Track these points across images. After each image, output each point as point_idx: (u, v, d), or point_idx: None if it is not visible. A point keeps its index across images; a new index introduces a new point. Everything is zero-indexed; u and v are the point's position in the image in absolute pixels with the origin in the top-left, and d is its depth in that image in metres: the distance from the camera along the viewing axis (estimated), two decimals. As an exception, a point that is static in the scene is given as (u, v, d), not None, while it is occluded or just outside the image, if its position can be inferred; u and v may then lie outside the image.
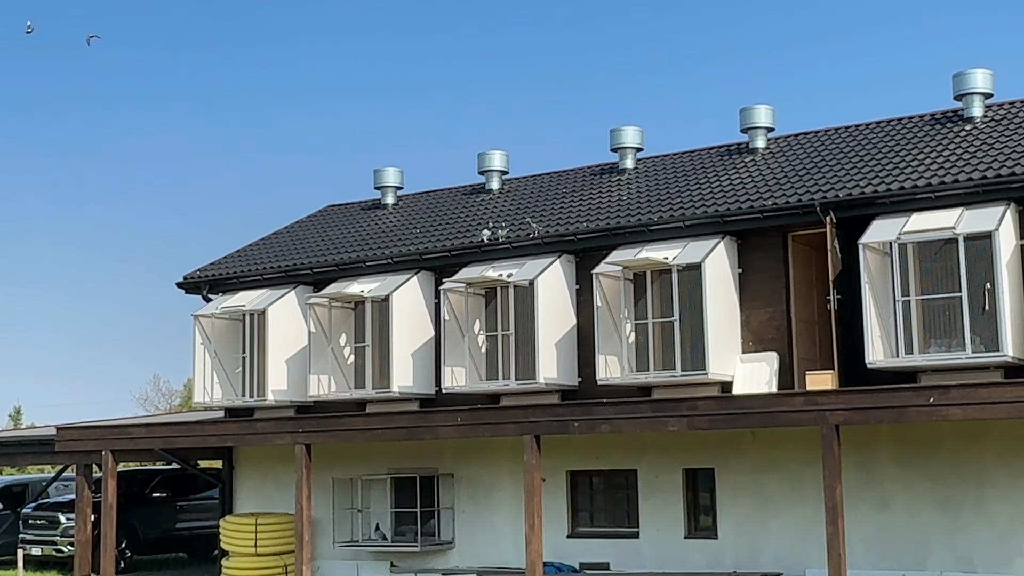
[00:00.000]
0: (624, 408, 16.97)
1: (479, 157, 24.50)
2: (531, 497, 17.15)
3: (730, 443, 18.62)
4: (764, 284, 18.91)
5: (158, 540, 27.01)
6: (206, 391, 22.79)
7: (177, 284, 24.37)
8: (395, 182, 25.70)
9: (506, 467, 20.41)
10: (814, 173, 19.47)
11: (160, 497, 27.45)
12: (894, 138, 20.15)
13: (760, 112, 21.68)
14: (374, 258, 22.10)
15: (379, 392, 21.10)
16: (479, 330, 20.55)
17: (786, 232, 18.97)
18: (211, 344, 22.75)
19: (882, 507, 17.47)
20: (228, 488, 23.71)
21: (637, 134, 23.06)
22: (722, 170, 21.18)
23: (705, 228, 19.17)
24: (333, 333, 21.71)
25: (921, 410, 14.94)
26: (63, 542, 25.97)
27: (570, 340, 20.03)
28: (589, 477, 20.29)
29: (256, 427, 20.49)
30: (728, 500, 18.66)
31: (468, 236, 21.60)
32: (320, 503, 21.81)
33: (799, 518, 17.95)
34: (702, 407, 16.40)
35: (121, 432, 22.15)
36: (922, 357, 16.75)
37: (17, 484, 30.07)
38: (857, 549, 17.18)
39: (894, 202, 17.78)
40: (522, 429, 17.40)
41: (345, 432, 19.39)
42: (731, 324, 18.76)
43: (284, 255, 23.86)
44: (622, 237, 19.87)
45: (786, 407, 15.90)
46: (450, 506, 21.10)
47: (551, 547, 19.15)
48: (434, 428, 18.44)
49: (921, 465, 17.29)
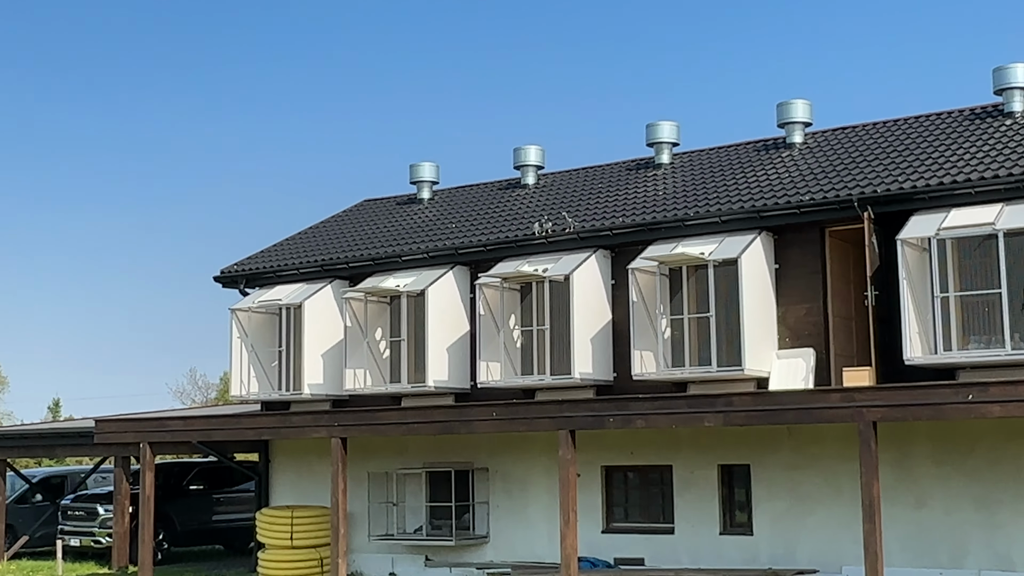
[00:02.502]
0: (660, 403, 16.93)
1: (514, 152, 24.51)
2: (566, 492, 17.14)
3: (766, 439, 18.55)
4: (801, 280, 18.82)
5: (195, 532, 27.23)
6: (243, 384, 22.92)
7: (214, 278, 24.53)
8: (431, 177, 25.75)
9: (541, 462, 20.42)
10: (852, 168, 19.35)
11: (197, 489, 27.66)
12: (933, 133, 20.00)
13: (797, 107, 21.57)
14: (410, 252, 22.15)
15: (414, 386, 21.16)
16: (514, 325, 20.57)
17: (823, 228, 18.86)
18: (248, 338, 22.88)
19: (919, 504, 17.36)
20: (264, 481, 23.85)
21: (673, 129, 23.01)
22: (759, 165, 21.09)
23: (741, 223, 19.09)
24: (369, 327, 21.79)
25: (959, 407, 14.81)
26: (101, 533, 26.21)
27: (605, 335, 20.01)
28: (624, 472, 20.28)
29: (292, 420, 20.58)
30: (764, 496, 18.60)
31: (503, 231, 21.62)
32: (355, 496, 21.90)
33: (835, 515, 17.86)
34: (738, 403, 16.33)
35: (159, 425, 22.29)
36: (960, 354, 16.62)
37: (56, 476, 30.39)
38: (894, 546, 17.08)
39: (933, 197, 17.64)
40: (557, 424, 17.39)
41: (381, 426, 19.44)
42: (767, 320, 18.68)
43: (320, 249, 23.96)
44: (658, 232, 19.83)
45: (823, 403, 15.80)
46: (485, 500, 21.14)
47: (586, 542, 19.15)
48: (469, 422, 18.46)
49: (959, 462, 17.17)
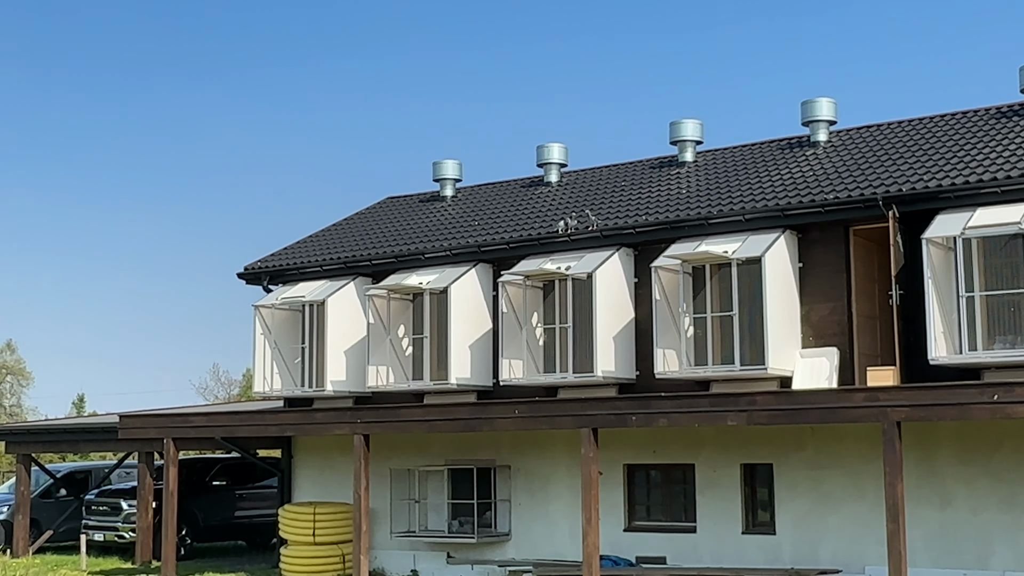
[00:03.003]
0: (683, 402, 16.90)
1: (538, 149, 24.50)
2: (588, 490, 17.12)
3: (789, 438, 18.49)
4: (825, 279, 18.74)
5: (217, 528, 27.32)
6: (266, 381, 22.98)
7: (238, 275, 24.60)
8: (454, 174, 25.76)
9: (563, 460, 20.41)
10: (876, 167, 19.27)
11: (220, 485, 27.76)
12: (959, 131, 19.89)
13: (822, 105, 21.49)
14: (433, 250, 22.17)
15: (437, 384, 21.17)
16: (537, 323, 20.56)
17: (847, 226, 18.77)
18: (271, 334, 22.94)
19: (944, 505, 17.28)
20: (287, 477, 23.91)
21: (697, 127, 22.96)
22: (783, 163, 21.01)
23: (765, 222, 19.03)
24: (392, 324, 21.82)
25: (985, 407, 14.73)
26: (125, 528, 26.32)
27: (628, 333, 19.98)
28: (646, 471, 20.25)
29: (315, 417, 20.63)
30: (786, 496, 18.54)
31: (527, 228, 21.61)
32: (378, 493, 21.94)
33: (859, 515, 17.79)
34: (761, 402, 16.28)
35: (182, 420, 22.38)
36: (986, 354, 16.52)
37: (80, 471, 30.53)
38: (918, 547, 17.00)
39: (958, 196, 17.53)
40: (579, 422, 17.38)
41: (403, 423, 19.46)
42: (791, 319, 18.62)
43: (343, 247, 24.00)
44: (681, 230, 19.78)
45: (847, 403, 15.74)
46: (507, 498, 21.15)
47: (607, 540, 19.14)
48: (492, 420, 18.47)
49: (984, 462, 17.08)
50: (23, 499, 27.08)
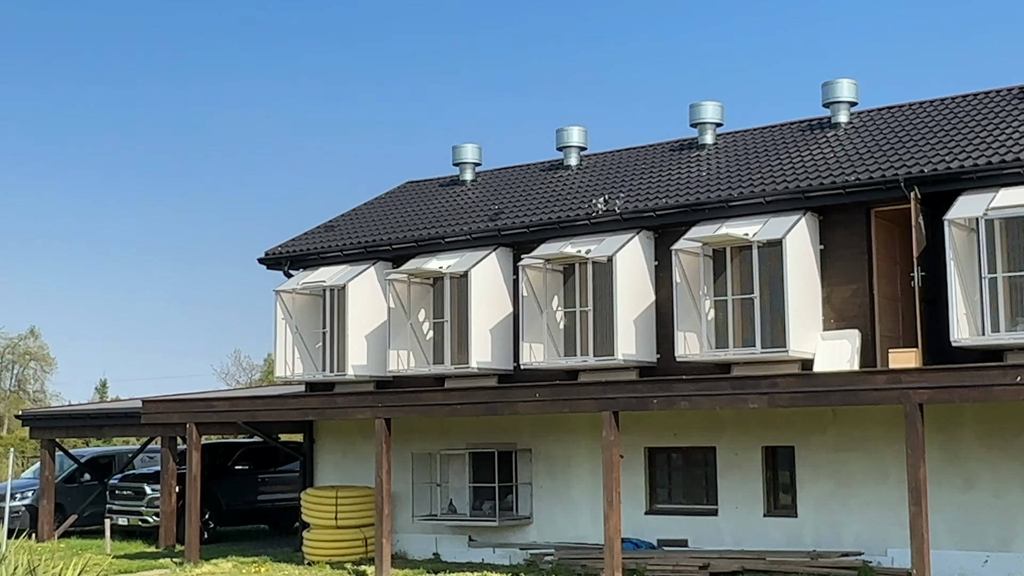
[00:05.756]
0: (704, 385, 16.88)
1: (557, 133, 24.44)
2: (609, 473, 17.13)
3: (811, 421, 18.46)
4: (846, 261, 18.67)
5: (240, 512, 27.46)
6: (287, 365, 23.05)
7: (259, 260, 24.66)
8: (473, 158, 25.74)
9: (584, 443, 20.43)
10: (898, 148, 19.16)
11: (242, 469, 27.89)
12: (981, 112, 19.75)
13: (843, 86, 21.37)
14: (453, 234, 22.18)
15: (457, 368, 21.20)
16: (557, 306, 20.55)
17: (869, 208, 18.69)
18: (292, 319, 23.00)
19: (966, 487, 17.22)
20: (309, 461, 24.00)
21: (717, 109, 22.86)
22: (803, 145, 20.92)
23: (786, 204, 18.95)
24: (412, 309, 21.85)
25: (1007, 389, 14.67)
26: (148, 512, 26.48)
27: (649, 316, 19.95)
28: (667, 454, 20.24)
29: (336, 401, 20.69)
30: (808, 478, 18.51)
31: (547, 212, 21.58)
32: (399, 477, 22.01)
33: (881, 497, 17.76)
34: (783, 384, 16.24)
35: (205, 405, 22.48)
36: (1008, 335, 16.44)
37: (104, 455, 30.71)
38: (940, 529, 16.96)
39: (980, 177, 17.43)
40: (601, 405, 17.38)
41: (424, 407, 19.50)
42: (812, 301, 18.56)
43: (364, 231, 24.02)
44: (701, 213, 19.73)
45: (869, 385, 15.69)
46: (528, 481, 21.18)
47: (629, 523, 19.15)
48: (512, 404, 18.48)
49: (1007, 445, 17.01)
50: (47, 484, 27.27)
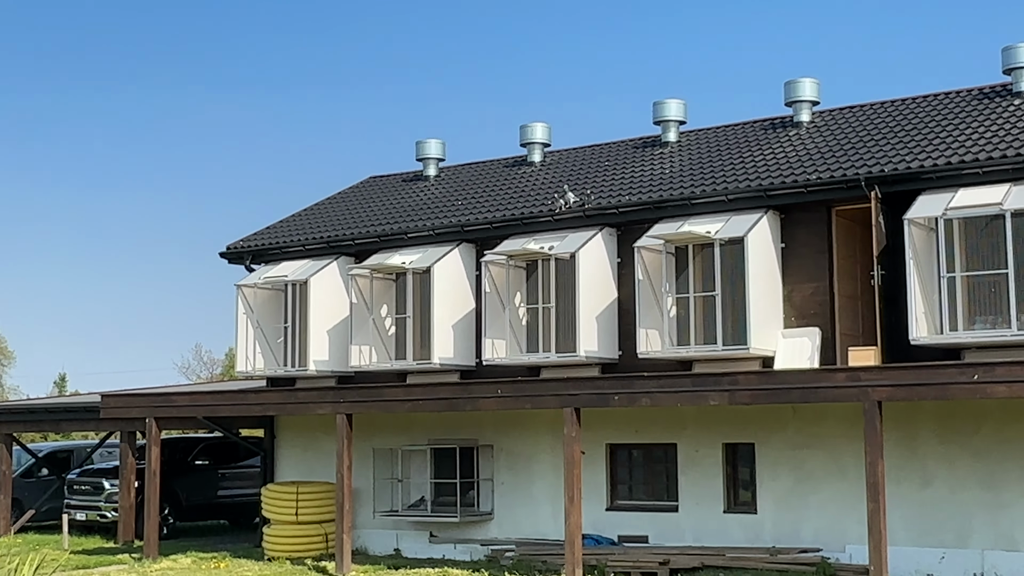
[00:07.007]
0: (665, 382, 16.94)
1: (521, 129, 24.45)
2: (571, 470, 17.16)
3: (771, 418, 18.56)
4: (807, 259, 18.78)
5: (200, 507, 27.33)
6: (248, 360, 22.93)
7: (220, 254, 24.53)
8: (437, 154, 25.71)
9: (545, 439, 20.45)
10: (859, 147, 19.29)
11: (202, 465, 27.74)
12: (941, 113, 19.92)
13: (805, 85, 21.49)
14: (416, 230, 22.13)
15: (420, 363, 21.17)
16: (520, 302, 20.56)
17: (830, 207, 18.82)
18: (253, 314, 22.88)
19: (924, 484, 17.37)
20: (269, 457, 23.89)
21: (680, 107, 22.93)
22: (766, 144, 21.03)
23: (748, 202, 19.05)
24: (374, 304, 21.80)
25: (965, 387, 14.81)
26: (107, 508, 26.29)
27: (611, 313, 20.00)
28: (629, 450, 20.30)
29: (297, 396, 20.61)
30: (768, 475, 18.62)
31: (510, 208, 21.58)
32: (360, 473, 21.95)
33: (840, 494, 17.88)
34: (743, 382, 16.33)
35: (165, 400, 22.34)
36: (967, 334, 16.61)
37: (62, 450, 30.49)
38: (898, 526, 17.10)
39: (940, 177, 17.59)
40: (562, 402, 17.41)
41: (386, 402, 19.47)
42: (773, 299, 18.66)
43: (326, 226, 23.94)
44: (664, 211, 19.79)
45: (828, 383, 15.81)
46: (489, 477, 21.17)
47: (590, 520, 19.19)
48: (475, 400, 18.48)
49: (964, 442, 17.17)
50: (4, 479, 27.03)
